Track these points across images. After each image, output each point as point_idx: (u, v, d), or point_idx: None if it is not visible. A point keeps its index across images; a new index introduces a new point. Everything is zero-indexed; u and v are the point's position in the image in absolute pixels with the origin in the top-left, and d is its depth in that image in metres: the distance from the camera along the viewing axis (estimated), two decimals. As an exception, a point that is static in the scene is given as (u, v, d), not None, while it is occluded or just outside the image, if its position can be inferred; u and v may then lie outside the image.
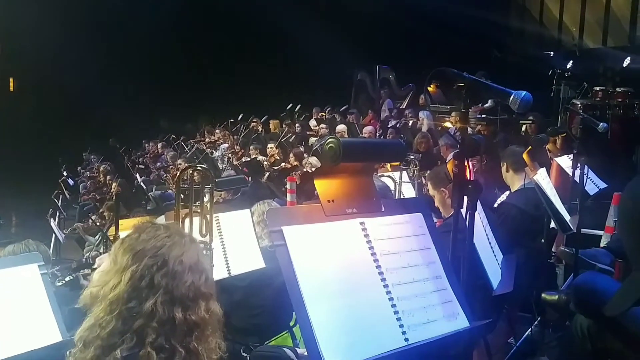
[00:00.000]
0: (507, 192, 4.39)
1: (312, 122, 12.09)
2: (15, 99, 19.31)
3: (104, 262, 1.59)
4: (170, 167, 11.13)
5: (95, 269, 1.66)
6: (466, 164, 2.03)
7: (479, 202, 2.39)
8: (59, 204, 10.12)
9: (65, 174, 13.27)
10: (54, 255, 6.99)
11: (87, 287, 1.60)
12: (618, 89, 8.41)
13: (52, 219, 8.38)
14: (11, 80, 20.55)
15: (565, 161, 4.89)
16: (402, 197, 4.73)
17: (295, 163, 8.94)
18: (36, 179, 13.18)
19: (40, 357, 1.46)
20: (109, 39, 15.44)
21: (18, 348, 2.06)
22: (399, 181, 4.78)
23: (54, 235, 7.47)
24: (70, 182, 12.77)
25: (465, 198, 2.01)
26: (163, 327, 1.48)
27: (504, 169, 4.31)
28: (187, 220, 2.76)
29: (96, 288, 1.54)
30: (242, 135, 12.53)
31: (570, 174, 4.22)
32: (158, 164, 12.67)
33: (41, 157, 15.19)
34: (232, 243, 3.32)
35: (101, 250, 6.46)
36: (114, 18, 15.40)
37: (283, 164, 9.26)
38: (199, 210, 2.79)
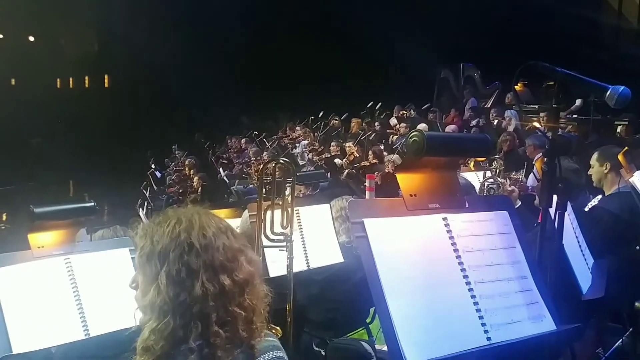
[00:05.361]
0: (600, 196, 4.16)
1: (393, 121, 11.97)
2: (109, 95, 20.49)
3: (137, 281, 1.54)
4: (253, 162, 11.39)
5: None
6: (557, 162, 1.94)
7: (569, 204, 2.29)
8: (147, 195, 10.61)
9: (153, 166, 13.88)
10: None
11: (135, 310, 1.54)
12: None
13: (140, 209, 8.78)
14: (106, 77, 21.84)
15: (664, 164, 4.58)
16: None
17: (375, 161, 8.88)
18: (127, 170, 13.89)
19: (131, 338, 1.51)
20: (196, 40, 16.03)
21: (112, 326, 2.18)
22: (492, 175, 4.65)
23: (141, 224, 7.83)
24: (158, 174, 13.34)
25: (555, 197, 1.93)
26: (219, 300, 1.47)
27: (603, 169, 4.06)
28: (269, 213, 2.82)
29: (141, 303, 1.51)
30: (322, 132, 12.63)
31: (670, 178, 3.94)
32: (241, 159, 13.00)
33: (132, 150, 15.98)
34: (311, 237, 3.36)
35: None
36: (200, 19, 15.97)
37: (362, 162, 9.23)
38: (280, 203, 2.84)
